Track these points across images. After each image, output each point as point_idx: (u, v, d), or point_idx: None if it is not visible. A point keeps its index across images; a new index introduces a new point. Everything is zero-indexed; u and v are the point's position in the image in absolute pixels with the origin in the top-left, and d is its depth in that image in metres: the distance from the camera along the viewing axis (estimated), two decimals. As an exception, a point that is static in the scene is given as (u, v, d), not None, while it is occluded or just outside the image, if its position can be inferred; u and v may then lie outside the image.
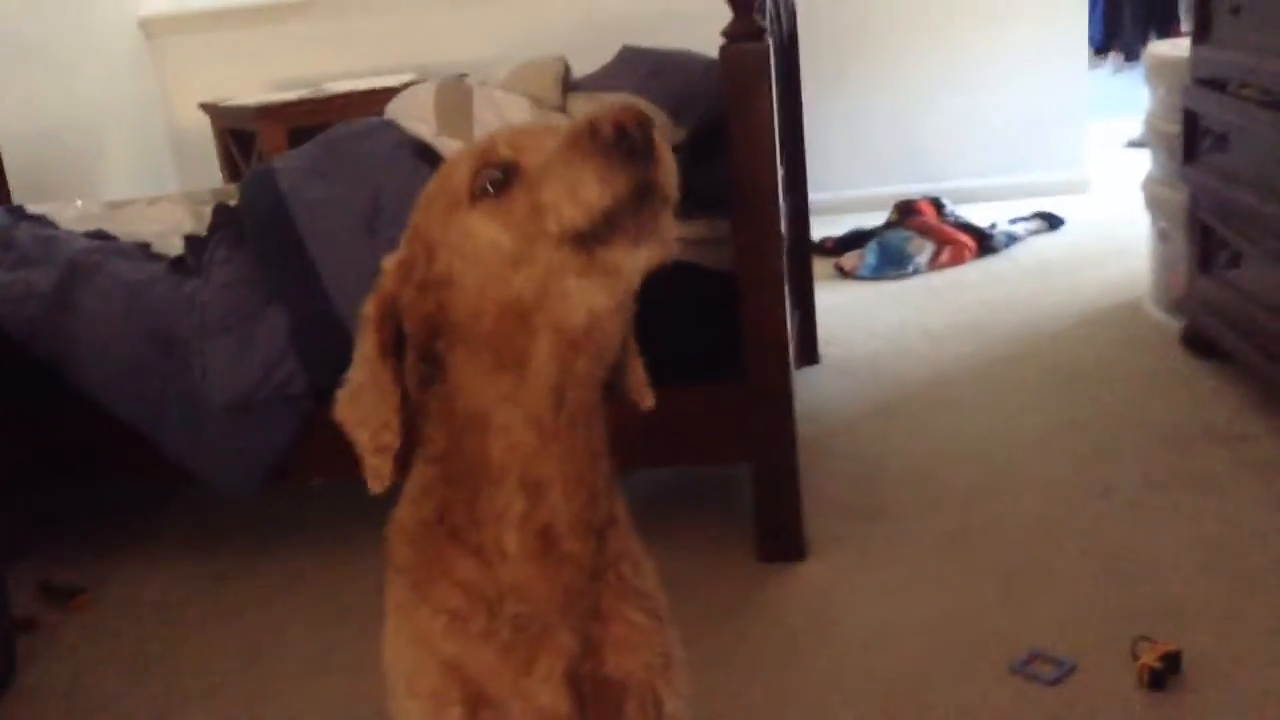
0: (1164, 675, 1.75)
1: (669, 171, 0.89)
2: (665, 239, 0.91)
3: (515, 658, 1.02)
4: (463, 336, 0.98)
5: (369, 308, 1.01)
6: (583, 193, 0.87)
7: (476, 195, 0.94)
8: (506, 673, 1.02)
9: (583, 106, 2.51)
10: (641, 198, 0.87)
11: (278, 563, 2.46)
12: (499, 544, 1.01)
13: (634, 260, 0.90)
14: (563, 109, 2.51)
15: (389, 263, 1.02)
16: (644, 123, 0.87)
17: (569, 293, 0.91)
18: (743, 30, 2.03)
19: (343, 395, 1.03)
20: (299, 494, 2.71)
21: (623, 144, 0.86)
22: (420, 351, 1.00)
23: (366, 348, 1.01)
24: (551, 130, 0.97)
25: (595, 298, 0.92)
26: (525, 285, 0.92)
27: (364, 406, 1.01)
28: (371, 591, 1.17)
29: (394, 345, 1.00)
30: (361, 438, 1.01)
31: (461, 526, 1.02)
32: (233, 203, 2.50)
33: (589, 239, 0.88)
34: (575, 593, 1.02)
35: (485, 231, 0.94)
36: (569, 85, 2.60)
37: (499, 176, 0.94)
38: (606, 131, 0.86)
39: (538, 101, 2.50)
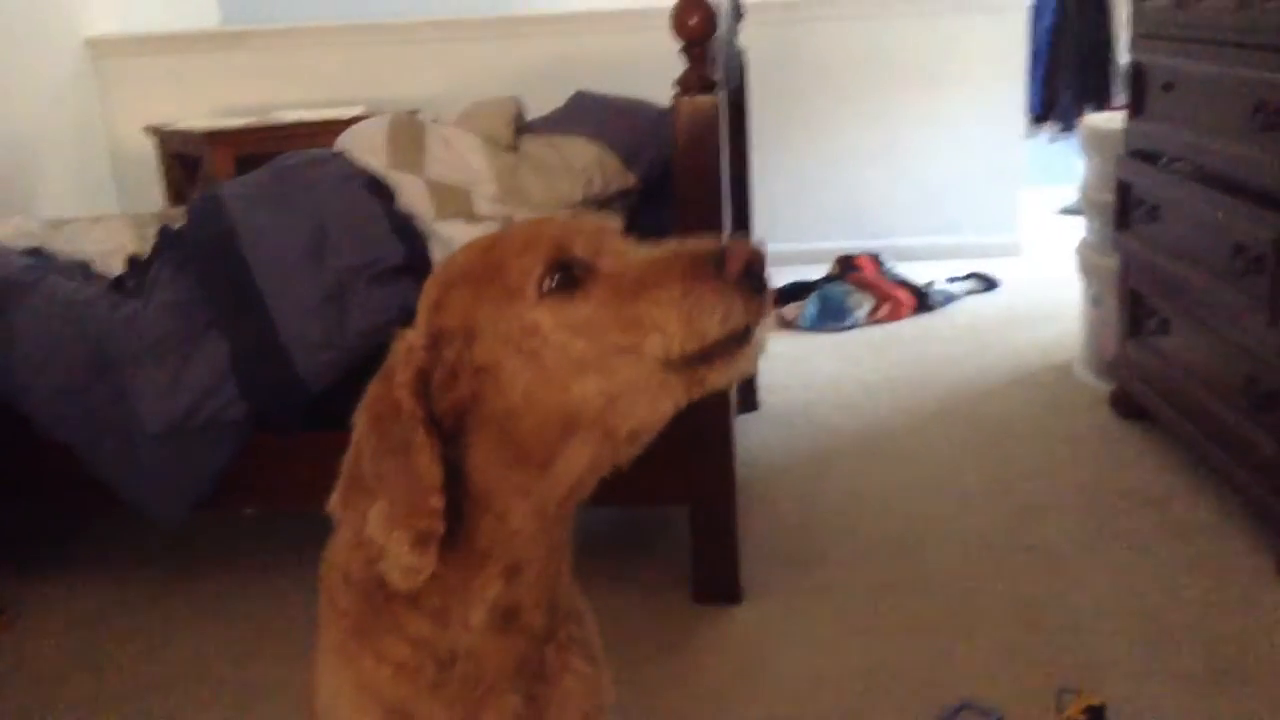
0: (1086, 729, 1.79)
1: (770, 309, 0.89)
2: (759, 354, 0.90)
3: (460, 711, 1.01)
4: (486, 426, 0.93)
5: (401, 390, 0.91)
6: (702, 323, 0.86)
7: (544, 290, 0.90)
8: None
9: (534, 148, 2.53)
10: (745, 332, 0.88)
11: (200, 589, 2.42)
12: (464, 617, 0.98)
13: (729, 377, 0.90)
14: (514, 149, 2.53)
15: (415, 337, 0.94)
16: (765, 260, 0.88)
17: (641, 405, 0.89)
18: (695, 82, 2.07)
19: (343, 486, 0.95)
20: (223, 521, 2.67)
21: (747, 281, 0.87)
22: (445, 437, 0.93)
23: (402, 430, 0.91)
24: (612, 230, 0.95)
25: (668, 408, 0.91)
26: (591, 393, 0.89)
27: (390, 495, 0.91)
28: (296, 623, 1.15)
29: (429, 425, 0.92)
30: (386, 532, 0.91)
31: (424, 594, 0.98)
32: (178, 225, 2.48)
33: (692, 361, 0.88)
34: (525, 658, 1.02)
35: (554, 332, 0.89)
36: (521, 126, 2.62)
37: (570, 274, 0.90)
38: (736, 269, 0.86)
39: (490, 140, 2.52)
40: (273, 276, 2.20)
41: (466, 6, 5.07)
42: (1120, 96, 5.18)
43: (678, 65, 2.07)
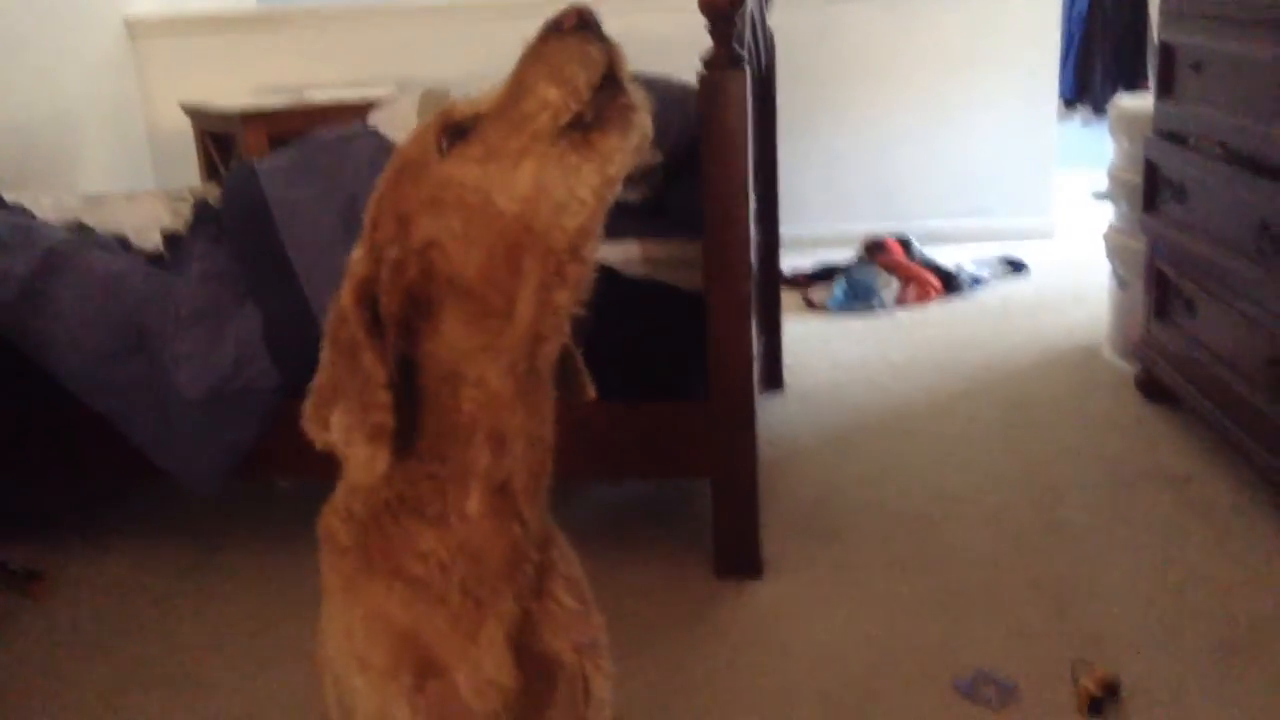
0: (1102, 703, 1.80)
1: (624, 57, 0.96)
2: (644, 128, 0.95)
3: (463, 625, 1.06)
4: (444, 294, 0.99)
5: (345, 298, 1.01)
6: (567, 73, 0.92)
7: (444, 150, 0.97)
8: (455, 639, 1.06)
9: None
10: (614, 84, 0.94)
11: (234, 557, 2.47)
12: (460, 507, 1.04)
13: (622, 145, 0.94)
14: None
15: (357, 253, 1.03)
16: (593, 11, 0.95)
17: (561, 195, 0.94)
18: (721, 59, 2.08)
19: (311, 402, 1.03)
20: (257, 490, 2.72)
21: (586, 28, 0.94)
22: (399, 328, 1.01)
23: (349, 333, 1.00)
24: (481, 92, 1.02)
25: (588, 194, 0.95)
26: (516, 204, 0.94)
27: (345, 399, 0.99)
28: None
29: (374, 328, 1.00)
30: (342, 434, 0.99)
31: (424, 498, 1.05)
32: (213, 200, 2.53)
33: (585, 125, 0.93)
34: (521, 556, 1.07)
35: (465, 172, 0.96)
36: (550, 104, 2.64)
37: (460, 130, 0.97)
38: (571, 20, 0.93)
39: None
40: (304, 249, 2.24)
41: (498, -13, 5.08)
42: (1153, 78, 5.14)
43: (705, 42, 2.09)
